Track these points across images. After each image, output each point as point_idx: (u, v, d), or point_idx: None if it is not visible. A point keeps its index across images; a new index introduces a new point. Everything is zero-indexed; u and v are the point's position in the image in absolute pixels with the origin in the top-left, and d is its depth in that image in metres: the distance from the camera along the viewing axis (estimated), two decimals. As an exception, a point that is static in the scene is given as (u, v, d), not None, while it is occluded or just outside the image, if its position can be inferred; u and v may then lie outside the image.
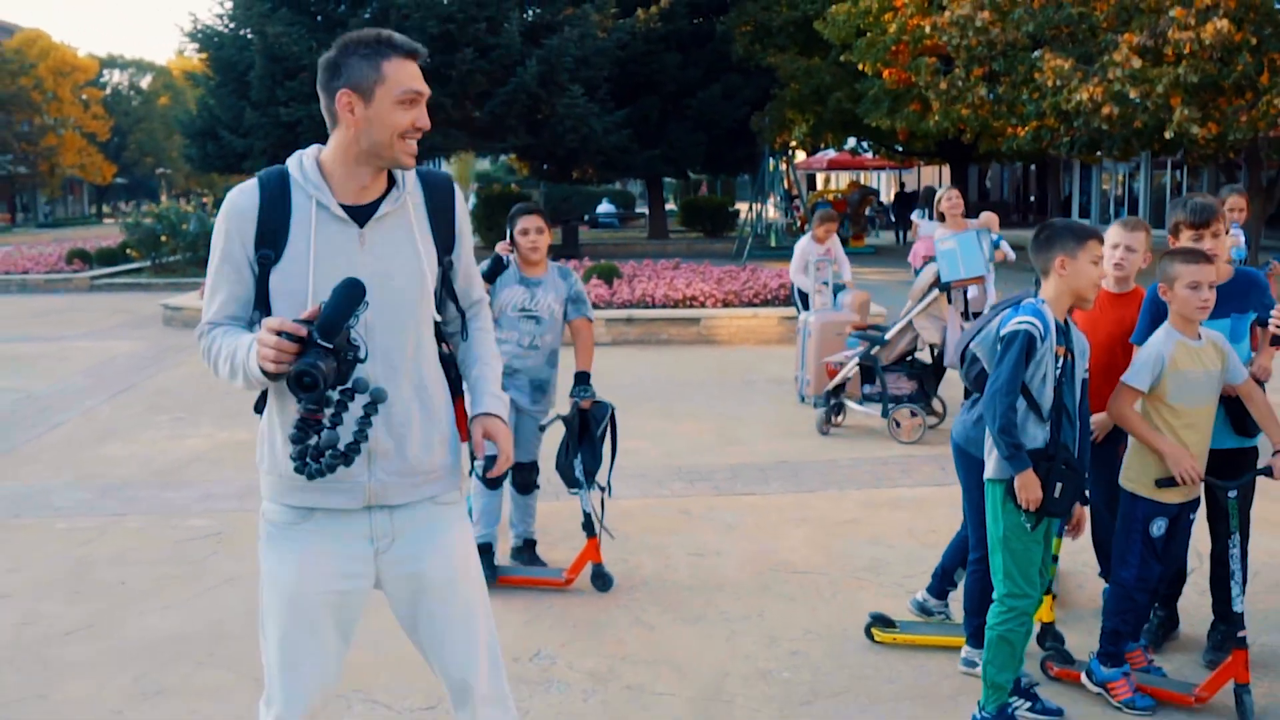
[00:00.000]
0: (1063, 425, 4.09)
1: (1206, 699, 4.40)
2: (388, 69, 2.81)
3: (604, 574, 5.76)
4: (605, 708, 4.50)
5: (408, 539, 2.98)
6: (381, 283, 2.82)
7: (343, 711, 4.48)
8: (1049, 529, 4.24)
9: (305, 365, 2.54)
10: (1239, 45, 15.74)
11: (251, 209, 2.84)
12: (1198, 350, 4.40)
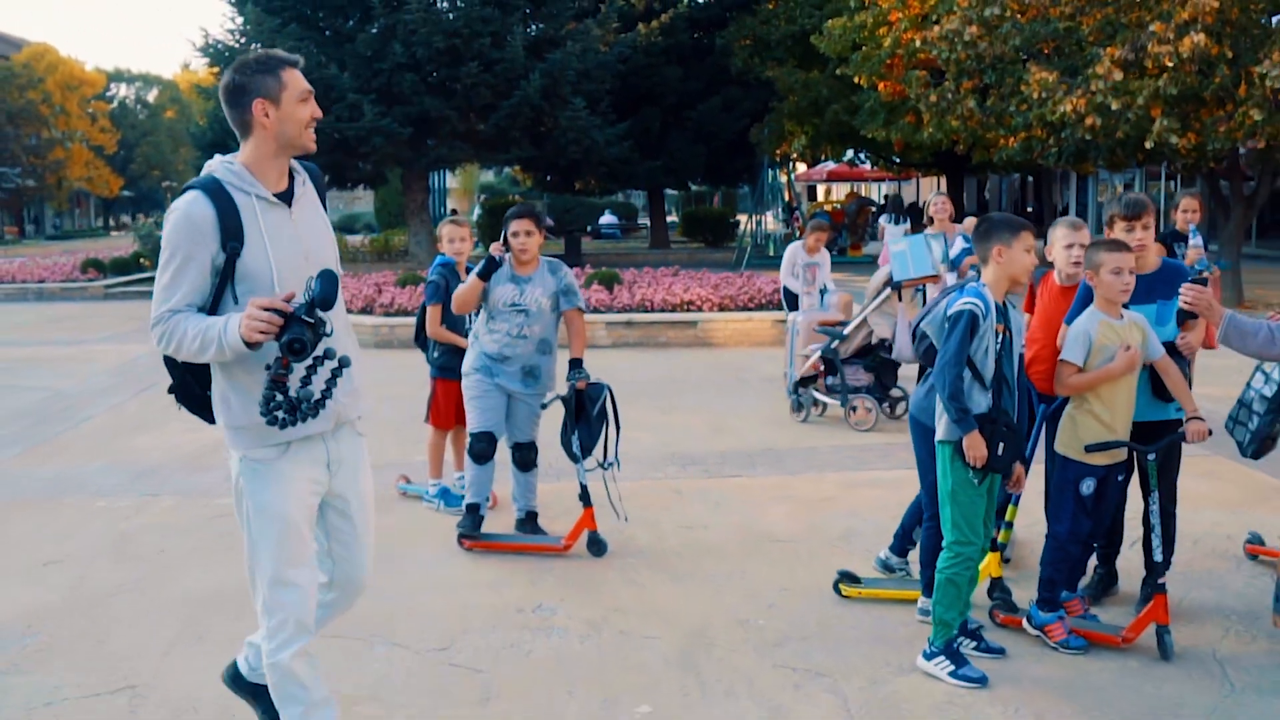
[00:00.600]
0: (1003, 393, 4.68)
1: (1132, 639, 4.97)
2: (286, 77, 3.50)
3: (599, 540, 6.34)
4: (599, 649, 5.08)
5: (347, 464, 3.77)
6: (312, 247, 3.60)
7: (367, 652, 5.06)
8: (992, 484, 4.81)
9: (295, 334, 3.21)
10: (1216, 59, 16.30)
11: (210, 216, 3.42)
12: (1120, 329, 4.98)
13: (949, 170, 34.71)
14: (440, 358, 7.30)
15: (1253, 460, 5.45)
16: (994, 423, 4.66)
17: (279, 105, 3.47)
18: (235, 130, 3.55)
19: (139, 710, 4.52)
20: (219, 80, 22.30)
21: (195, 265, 3.44)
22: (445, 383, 7.27)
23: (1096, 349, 4.94)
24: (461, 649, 5.10)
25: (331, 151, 24.33)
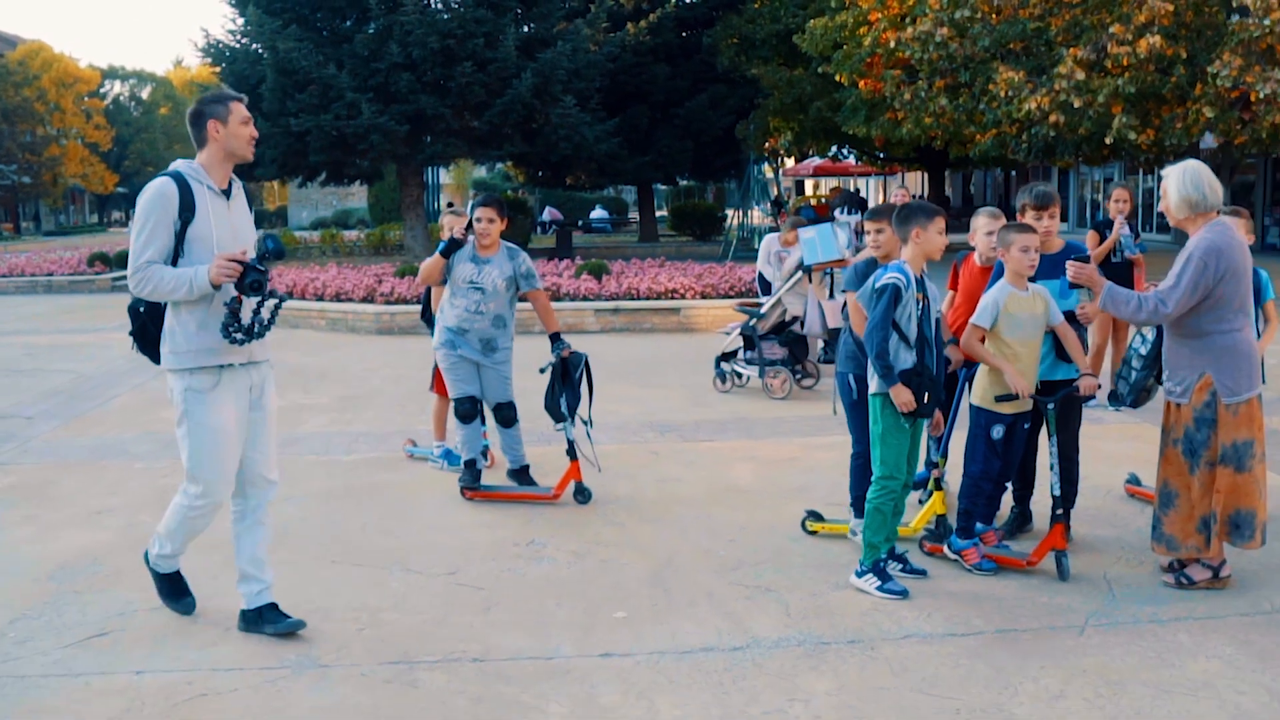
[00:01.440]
0: (925, 351, 5.58)
1: (1036, 562, 5.87)
2: (232, 106, 4.93)
3: (584, 489, 7.24)
4: (583, 572, 5.98)
5: (260, 389, 5.17)
6: (240, 232, 5.02)
7: (387, 577, 5.95)
8: (916, 427, 5.72)
9: (253, 278, 4.77)
10: (1173, 59, 17.23)
11: (173, 194, 4.80)
12: (1026, 299, 5.88)
13: (930, 165, 35.59)
14: None
15: (1132, 409, 6.36)
16: (919, 375, 5.56)
17: (226, 125, 4.91)
18: (194, 142, 4.94)
19: (198, 618, 5.42)
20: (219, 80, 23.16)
21: (163, 228, 4.79)
22: None
23: (1004, 315, 5.84)
24: (466, 573, 6.00)
25: (330, 149, 25.17)
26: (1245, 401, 5.51)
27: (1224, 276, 5.40)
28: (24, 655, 5.00)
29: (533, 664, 4.84)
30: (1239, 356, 5.51)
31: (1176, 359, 5.65)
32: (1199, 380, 5.52)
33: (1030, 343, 5.90)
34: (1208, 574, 5.66)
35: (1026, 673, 4.69)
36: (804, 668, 4.77)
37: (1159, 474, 5.76)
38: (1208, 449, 5.52)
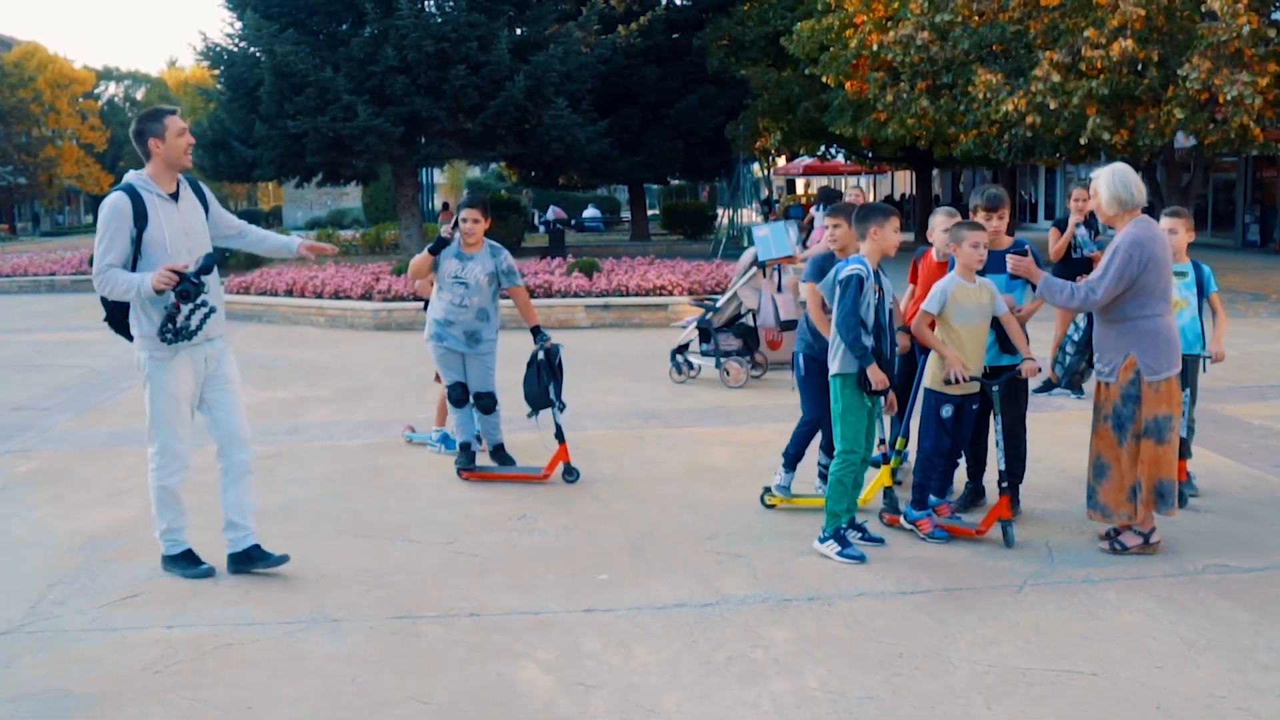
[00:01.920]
0: (881, 337, 6.13)
1: (984, 531, 6.42)
2: (167, 122, 5.71)
3: (572, 469, 7.79)
4: (570, 542, 6.53)
5: (217, 362, 5.97)
6: (190, 229, 5.81)
7: (390, 546, 6.49)
8: (873, 405, 6.26)
9: (185, 287, 5.53)
10: (1145, 62, 17.79)
11: (128, 206, 5.60)
12: (973, 290, 6.43)
13: (917, 164, 36.12)
14: None
15: (1068, 390, 6.92)
16: (876, 358, 6.11)
17: (164, 140, 5.71)
18: (141, 156, 5.76)
19: (219, 581, 5.97)
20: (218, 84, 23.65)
21: (120, 236, 5.60)
22: None
23: (952, 304, 6.40)
24: (463, 543, 6.55)
25: (327, 150, 25.66)
26: (1165, 380, 6.08)
27: (1146, 267, 5.97)
28: (63, 614, 5.54)
29: (523, 619, 5.38)
30: (1160, 339, 6.08)
31: (1105, 342, 6.21)
32: (1124, 361, 6.09)
33: (975, 329, 6.45)
34: (1139, 540, 6.21)
35: (966, 624, 5.25)
36: (766, 620, 5.32)
37: (1092, 448, 6.32)
38: (1133, 423, 6.09)
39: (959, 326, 6.41)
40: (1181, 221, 7.40)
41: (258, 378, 12.44)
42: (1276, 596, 5.55)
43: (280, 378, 12.56)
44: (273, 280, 19.16)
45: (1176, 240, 7.27)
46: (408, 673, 4.81)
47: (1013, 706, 4.41)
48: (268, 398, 11.29)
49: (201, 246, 5.84)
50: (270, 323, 17.78)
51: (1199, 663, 4.81)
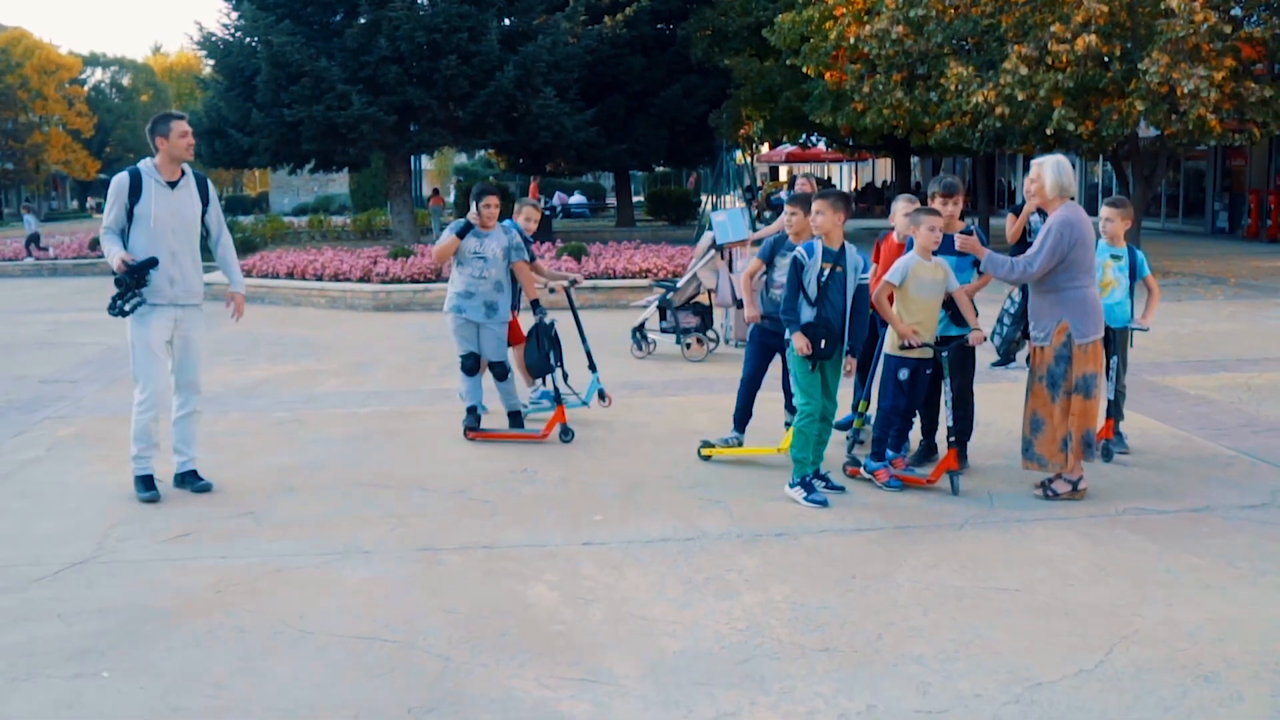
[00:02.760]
0: (827, 308, 6.94)
1: (934, 480, 7.27)
2: (173, 125, 7.03)
3: (568, 430, 8.64)
4: (568, 491, 7.38)
5: (185, 322, 7.27)
6: (179, 211, 7.13)
7: (408, 494, 7.33)
8: (823, 367, 7.06)
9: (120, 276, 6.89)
10: (1109, 56, 18.66)
11: (126, 183, 7.02)
12: (929, 267, 7.27)
13: (896, 152, 36.97)
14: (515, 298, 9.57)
15: (1002, 352, 7.80)
16: (816, 327, 6.93)
17: (169, 139, 7.05)
18: (151, 148, 7.10)
19: (260, 523, 6.80)
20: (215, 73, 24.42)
21: (116, 207, 7.04)
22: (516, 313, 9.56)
23: (911, 278, 7.24)
24: (473, 492, 7.39)
25: (322, 138, 26.42)
26: (1092, 342, 6.96)
27: (1075, 244, 6.85)
28: (128, 548, 6.37)
29: (529, 550, 6.24)
30: (1087, 307, 6.96)
31: (1039, 310, 7.09)
32: (1057, 326, 6.96)
33: (929, 303, 7.29)
34: (1068, 487, 7.08)
35: (911, 553, 6.11)
36: (739, 551, 6.18)
37: (1028, 406, 7.18)
38: (1065, 380, 6.96)
39: (915, 297, 7.25)
40: (1119, 211, 8.24)
41: (268, 354, 13.27)
42: (1181, 533, 6.43)
43: (289, 354, 13.37)
44: (273, 264, 19.95)
45: (1114, 228, 8.13)
46: (434, 591, 5.66)
47: (945, 614, 5.27)
48: (281, 371, 12.11)
49: (190, 230, 7.24)
50: (273, 304, 18.57)
51: (1106, 582, 5.67)
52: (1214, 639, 4.95)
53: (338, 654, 4.91)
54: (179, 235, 7.11)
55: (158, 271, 7.00)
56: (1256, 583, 5.64)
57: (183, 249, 7.14)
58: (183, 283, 7.16)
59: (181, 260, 7.13)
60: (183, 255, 7.14)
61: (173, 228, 7.07)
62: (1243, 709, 4.32)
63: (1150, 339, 13.21)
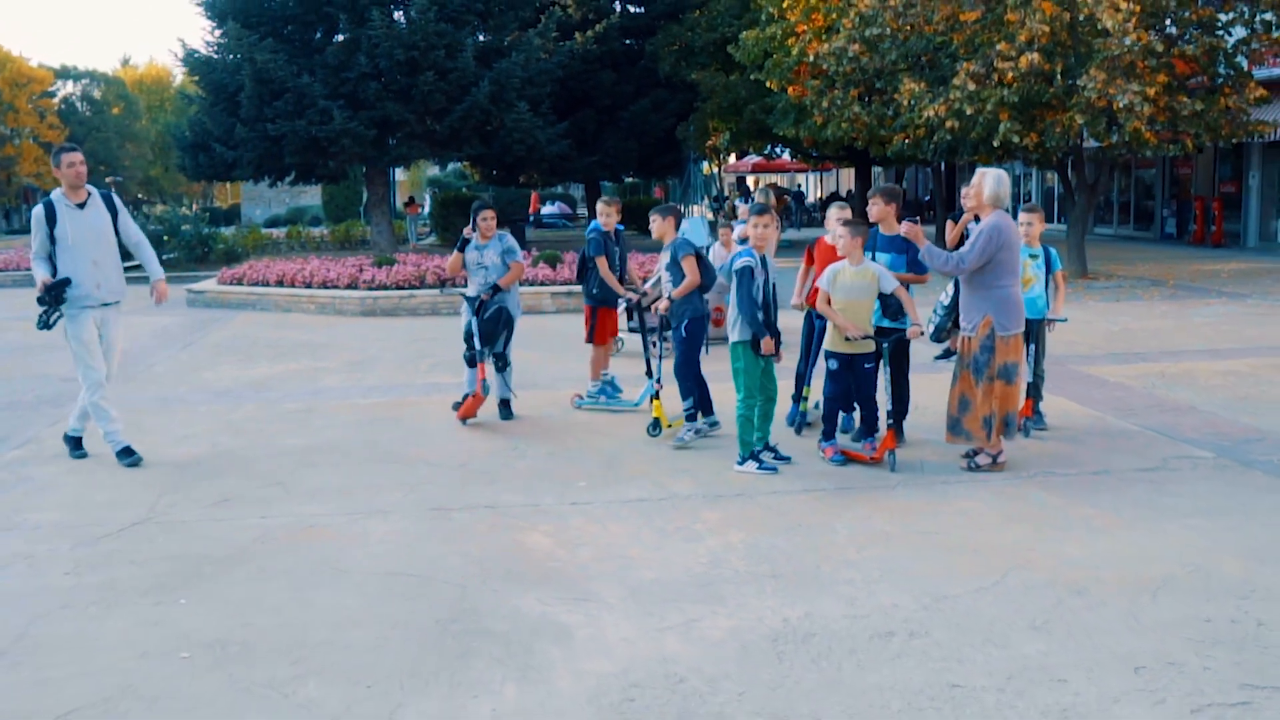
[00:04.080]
0: (768, 310, 8.06)
1: (878, 458, 8.32)
2: (63, 157, 8.39)
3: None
4: (555, 463, 8.46)
5: (104, 324, 8.64)
6: (93, 226, 8.48)
7: (414, 468, 8.38)
8: (765, 363, 8.17)
9: (40, 295, 8.29)
10: (1051, 73, 19.88)
11: (43, 213, 8.34)
12: (858, 271, 8.34)
13: (858, 163, 38.19)
14: (599, 292, 10.78)
15: (936, 344, 8.93)
16: (768, 327, 8.05)
17: (60, 169, 8.34)
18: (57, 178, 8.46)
19: (290, 491, 7.85)
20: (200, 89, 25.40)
21: (39, 234, 8.33)
22: (603, 310, 10.84)
23: (838, 283, 8.31)
24: (473, 465, 8.46)
25: (304, 151, 27.45)
26: (1013, 335, 8.04)
27: (1002, 246, 7.93)
28: (177, 512, 7.41)
29: (526, 508, 7.31)
30: (1010, 304, 8.05)
31: (969, 305, 8.17)
32: (983, 320, 8.04)
33: (859, 302, 8.34)
34: (989, 460, 8.17)
35: (850, 508, 7.22)
36: (704, 507, 7.27)
37: (956, 389, 8.25)
38: (989, 368, 8.05)
39: (844, 300, 8.31)
40: (1037, 215, 9.37)
41: (269, 354, 14.29)
42: (1080, 490, 7.56)
43: (289, 354, 14.38)
44: (263, 272, 20.94)
45: (1034, 230, 9.26)
46: (449, 539, 6.73)
47: (875, 551, 6.37)
48: (284, 369, 13.13)
49: (106, 241, 8.53)
50: (264, 310, 19.54)
51: (1011, 527, 6.79)
52: (1092, 566, 6.08)
53: (372, 586, 5.98)
54: (98, 246, 8.47)
55: (85, 278, 8.35)
56: (1136, 526, 6.77)
57: (104, 257, 8.52)
58: (106, 285, 8.55)
59: (104, 266, 8.51)
60: (105, 262, 8.52)
61: (90, 241, 8.42)
62: (1104, 612, 5.44)
63: (1083, 334, 14.43)
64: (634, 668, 4.93)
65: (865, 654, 5.03)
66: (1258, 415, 9.69)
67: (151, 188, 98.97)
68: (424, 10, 26.90)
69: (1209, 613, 5.43)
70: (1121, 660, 4.92)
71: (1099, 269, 23.58)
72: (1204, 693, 4.60)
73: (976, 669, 4.86)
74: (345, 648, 5.19)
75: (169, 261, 28.08)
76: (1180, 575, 5.94)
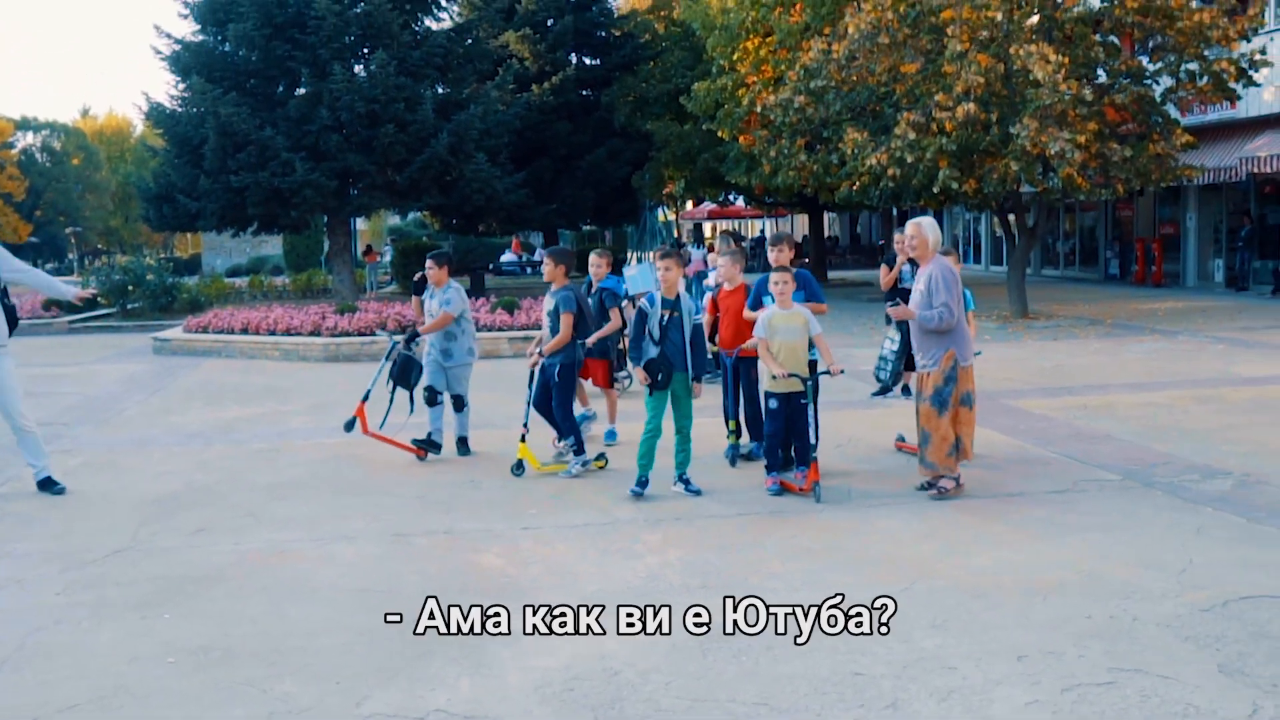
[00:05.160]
0: (668, 346, 8.72)
1: (807, 489, 8.90)
2: None
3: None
4: (508, 494, 9.08)
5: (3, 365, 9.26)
6: None
7: (380, 499, 8.98)
8: (674, 392, 8.82)
9: None
10: (986, 122, 20.79)
11: None
12: (788, 314, 8.99)
13: (810, 209, 39.12)
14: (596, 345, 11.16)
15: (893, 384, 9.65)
16: (655, 362, 8.72)
17: None
18: None
19: (261, 521, 8.42)
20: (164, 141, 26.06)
21: None
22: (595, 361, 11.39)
23: (775, 328, 8.96)
24: (431, 496, 9.07)
25: (267, 202, 28.03)
26: (968, 365, 8.70)
27: (955, 285, 8.60)
28: (158, 540, 7.97)
29: (481, 534, 7.92)
30: (965, 337, 8.72)
31: (927, 343, 8.67)
32: (945, 354, 8.64)
33: (794, 344, 8.97)
34: (952, 483, 8.73)
35: (779, 528, 7.87)
36: (644, 530, 7.91)
37: (919, 425, 8.77)
38: (953, 396, 8.62)
39: (779, 341, 8.92)
40: (952, 257, 10.07)
41: (236, 398, 14.84)
42: (992, 510, 8.24)
43: (256, 398, 14.93)
44: (227, 320, 21.50)
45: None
46: (409, 560, 7.33)
47: (798, 564, 7.02)
48: (252, 412, 13.69)
49: None
50: (229, 357, 20.07)
51: (926, 543, 7.45)
52: (994, 574, 6.75)
53: (343, 600, 6.57)
54: None
55: None
56: (1039, 540, 7.45)
57: None
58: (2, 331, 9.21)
59: None
60: None
61: None
62: (999, 611, 6.10)
63: (1016, 370, 15.19)
64: (575, 664, 5.55)
65: (780, 650, 5.66)
66: (1168, 442, 10.41)
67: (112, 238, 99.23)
68: (384, 64, 27.59)
69: (1092, 611, 6.09)
70: (1008, 651, 5.57)
71: (1040, 309, 24.42)
72: (1075, 675, 5.26)
73: (878, 660, 5.50)
74: (317, 652, 5.78)
75: (134, 310, 28.62)
76: (1072, 580, 6.61)
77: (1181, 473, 9.24)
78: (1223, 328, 20.40)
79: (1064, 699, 5.02)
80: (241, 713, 5.10)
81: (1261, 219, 29.20)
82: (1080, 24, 21.30)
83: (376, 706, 5.11)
